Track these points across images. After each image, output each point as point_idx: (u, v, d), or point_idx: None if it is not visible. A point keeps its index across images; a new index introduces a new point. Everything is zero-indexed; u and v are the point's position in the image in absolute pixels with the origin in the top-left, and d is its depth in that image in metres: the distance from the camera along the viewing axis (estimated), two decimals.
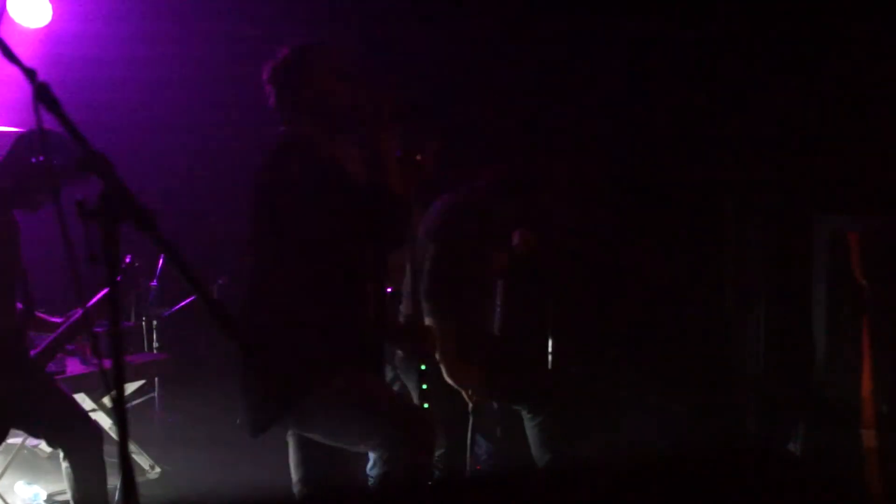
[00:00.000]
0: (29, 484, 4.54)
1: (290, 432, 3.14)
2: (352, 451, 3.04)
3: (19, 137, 3.50)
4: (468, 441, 4.01)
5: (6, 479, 4.55)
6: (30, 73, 1.87)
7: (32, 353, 3.61)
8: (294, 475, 3.17)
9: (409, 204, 3.04)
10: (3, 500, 4.31)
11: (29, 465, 4.80)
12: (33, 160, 3.40)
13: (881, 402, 4.18)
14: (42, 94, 1.86)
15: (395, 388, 4.03)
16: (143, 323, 5.51)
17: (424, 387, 3.68)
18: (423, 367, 3.70)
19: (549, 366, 4.47)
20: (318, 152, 2.92)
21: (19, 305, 3.59)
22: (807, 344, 4.48)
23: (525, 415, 4.10)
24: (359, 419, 2.86)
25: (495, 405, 4.28)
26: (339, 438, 2.95)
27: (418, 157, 3.58)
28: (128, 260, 3.71)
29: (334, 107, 3.01)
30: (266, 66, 3.08)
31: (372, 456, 3.47)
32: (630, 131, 5.34)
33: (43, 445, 4.61)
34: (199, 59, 5.77)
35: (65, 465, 3.54)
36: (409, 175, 3.33)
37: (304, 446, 3.10)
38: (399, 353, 3.91)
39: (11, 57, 1.89)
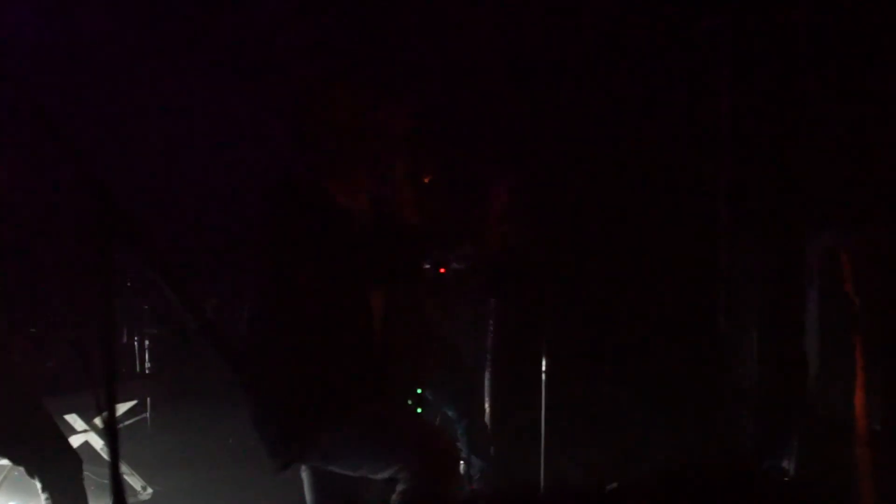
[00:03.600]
0: None
1: (304, 466, 3.11)
2: (374, 479, 3.00)
3: None
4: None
5: None
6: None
7: None
8: None
9: (420, 234, 3.00)
10: None
11: (19, 487, 4.77)
12: None
13: (874, 418, 4.18)
14: (35, 111, 1.85)
15: None
16: (136, 343, 5.49)
17: (420, 410, 3.69)
18: (419, 390, 3.70)
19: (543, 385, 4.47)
20: (323, 195, 2.90)
21: None
22: (800, 360, 4.48)
23: (451, 415, 4.17)
24: (381, 449, 2.82)
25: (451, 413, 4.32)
26: (362, 469, 2.89)
27: (426, 180, 3.56)
28: None
29: (346, 138, 2.95)
30: (273, 103, 3.02)
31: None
32: (621, 148, 5.35)
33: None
34: (194, 76, 5.77)
35: (44, 496, 3.51)
36: (423, 199, 3.31)
37: (323, 482, 3.05)
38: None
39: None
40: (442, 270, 4.35)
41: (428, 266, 4.26)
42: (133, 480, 4.83)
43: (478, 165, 4.94)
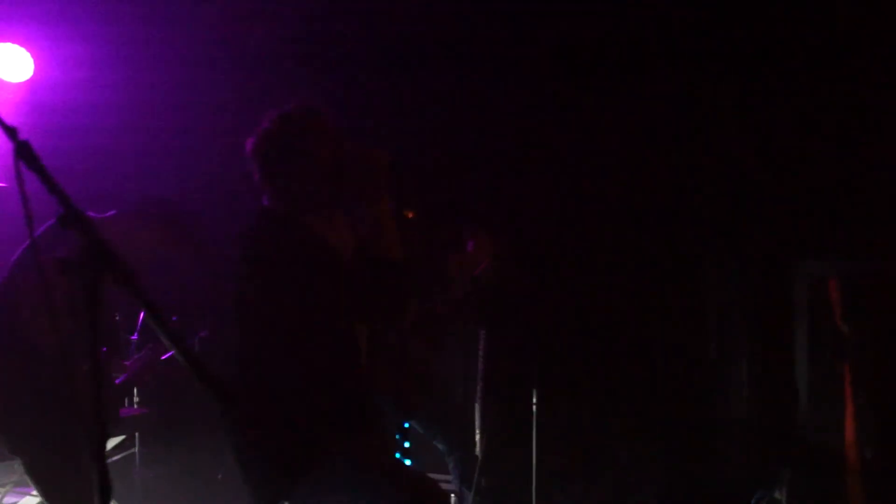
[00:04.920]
0: None
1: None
2: None
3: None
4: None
5: None
6: (11, 132, 1.87)
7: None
8: None
9: (406, 269, 2.99)
10: None
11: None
12: None
13: (865, 446, 4.18)
14: (23, 153, 1.86)
15: None
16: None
17: (407, 444, 3.67)
18: (406, 424, 3.69)
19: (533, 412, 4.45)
20: (306, 230, 2.90)
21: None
22: (790, 390, 4.48)
23: (442, 448, 4.15)
24: (366, 488, 2.81)
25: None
26: None
27: (409, 215, 3.56)
28: None
29: (326, 175, 2.94)
30: (249, 140, 3.00)
31: None
32: (610, 178, 5.37)
33: (25, 501, 4.55)
34: (180, 106, 5.79)
35: None
36: (405, 234, 3.31)
37: None
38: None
39: None
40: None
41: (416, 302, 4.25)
42: None
43: (463, 197, 4.96)
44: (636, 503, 4.88)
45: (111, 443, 5.01)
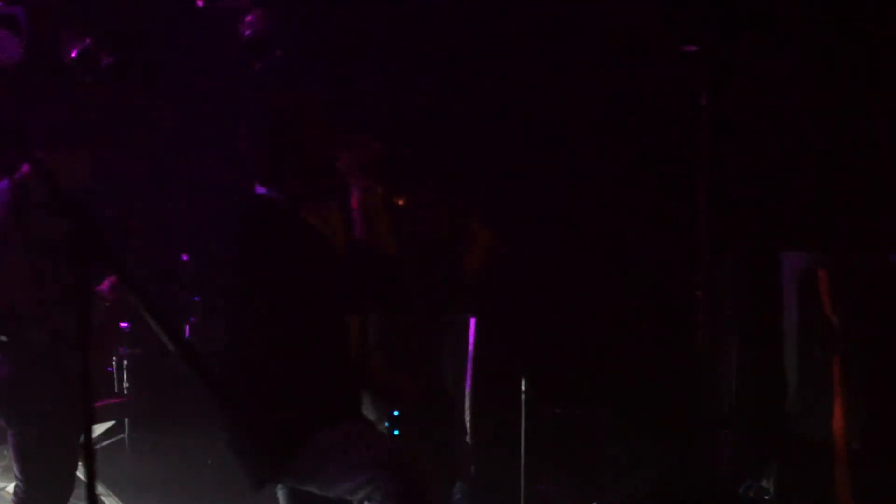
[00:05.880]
0: None
1: (280, 486, 3.10)
2: (347, 500, 2.99)
3: None
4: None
5: None
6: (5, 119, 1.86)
7: None
8: None
9: (396, 259, 3.01)
10: None
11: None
12: None
13: (853, 438, 4.20)
14: (16, 140, 1.85)
15: None
16: (114, 363, 5.45)
17: (396, 432, 3.68)
18: (395, 412, 3.70)
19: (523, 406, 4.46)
20: (299, 219, 2.91)
21: None
22: (779, 381, 4.50)
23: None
24: (353, 470, 2.82)
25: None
26: (335, 489, 2.89)
27: (400, 202, 3.55)
28: None
29: (318, 163, 2.96)
30: (243, 129, 3.01)
31: None
32: (599, 168, 5.38)
33: (10, 488, 4.54)
34: (170, 99, 5.79)
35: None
36: (396, 221, 3.32)
37: (296, 499, 3.05)
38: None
39: None
40: None
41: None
42: (110, 502, 4.79)
43: (454, 187, 4.96)
44: (626, 493, 4.90)
45: (100, 428, 5.01)
